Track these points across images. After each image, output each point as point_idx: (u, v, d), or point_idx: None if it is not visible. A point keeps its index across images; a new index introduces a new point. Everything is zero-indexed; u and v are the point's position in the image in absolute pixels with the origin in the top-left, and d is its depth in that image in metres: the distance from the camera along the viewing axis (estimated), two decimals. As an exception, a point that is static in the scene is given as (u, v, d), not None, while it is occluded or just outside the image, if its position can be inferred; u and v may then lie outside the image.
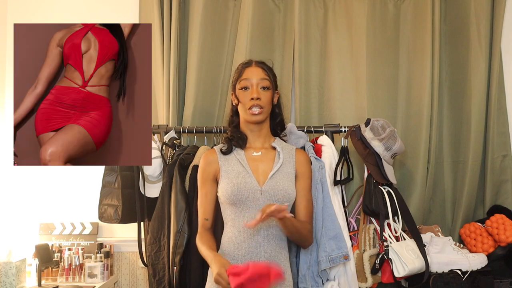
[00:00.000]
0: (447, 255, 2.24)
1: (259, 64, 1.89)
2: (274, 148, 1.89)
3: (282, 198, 1.79)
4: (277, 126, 1.96)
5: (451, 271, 2.20)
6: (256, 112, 1.81)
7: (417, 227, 2.29)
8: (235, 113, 1.93)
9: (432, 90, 2.48)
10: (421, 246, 2.17)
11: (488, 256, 2.25)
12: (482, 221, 2.37)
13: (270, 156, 1.87)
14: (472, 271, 2.18)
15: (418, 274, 2.15)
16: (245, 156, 1.85)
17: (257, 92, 1.82)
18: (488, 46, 2.49)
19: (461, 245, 2.33)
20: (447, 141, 2.58)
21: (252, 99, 1.80)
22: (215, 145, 2.12)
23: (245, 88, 1.83)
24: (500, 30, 2.49)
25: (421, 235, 2.25)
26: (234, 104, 1.91)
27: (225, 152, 1.87)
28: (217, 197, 1.86)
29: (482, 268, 2.21)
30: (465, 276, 2.16)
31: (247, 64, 1.90)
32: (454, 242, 2.31)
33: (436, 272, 2.20)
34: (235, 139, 1.87)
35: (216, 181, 1.87)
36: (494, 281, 2.16)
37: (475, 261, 2.21)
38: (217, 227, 1.94)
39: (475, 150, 2.47)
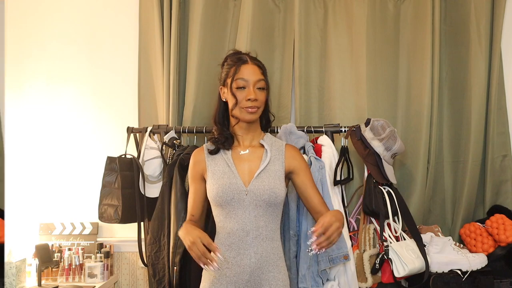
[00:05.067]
0: (447, 255, 2.24)
1: (254, 62, 1.84)
2: (262, 146, 1.86)
3: (268, 198, 1.75)
4: (262, 121, 1.92)
5: (451, 271, 2.20)
6: (252, 111, 1.78)
7: (417, 227, 2.29)
8: (224, 109, 1.87)
9: (432, 90, 2.47)
10: (421, 246, 2.17)
11: (488, 256, 2.25)
12: (482, 221, 2.37)
13: (258, 154, 1.84)
14: (472, 271, 2.18)
15: (418, 274, 2.15)
16: (231, 155, 1.82)
17: (254, 93, 1.77)
18: (488, 46, 2.49)
19: (461, 245, 2.33)
20: (447, 141, 2.58)
21: (249, 99, 1.77)
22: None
23: (242, 87, 1.79)
24: (500, 30, 2.49)
25: (421, 235, 2.26)
26: (223, 100, 1.86)
27: (211, 152, 1.85)
28: (206, 195, 1.83)
29: (482, 268, 2.21)
30: (465, 276, 2.16)
31: (242, 61, 1.82)
32: (454, 242, 2.31)
33: (436, 272, 2.20)
34: (220, 141, 1.83)
35: (204, 180, 1.84)
36: (494, 281, 2.16)
37: (475, 261, 2.21)
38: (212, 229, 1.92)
39: (475, 150, 2.47)
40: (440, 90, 2.53)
